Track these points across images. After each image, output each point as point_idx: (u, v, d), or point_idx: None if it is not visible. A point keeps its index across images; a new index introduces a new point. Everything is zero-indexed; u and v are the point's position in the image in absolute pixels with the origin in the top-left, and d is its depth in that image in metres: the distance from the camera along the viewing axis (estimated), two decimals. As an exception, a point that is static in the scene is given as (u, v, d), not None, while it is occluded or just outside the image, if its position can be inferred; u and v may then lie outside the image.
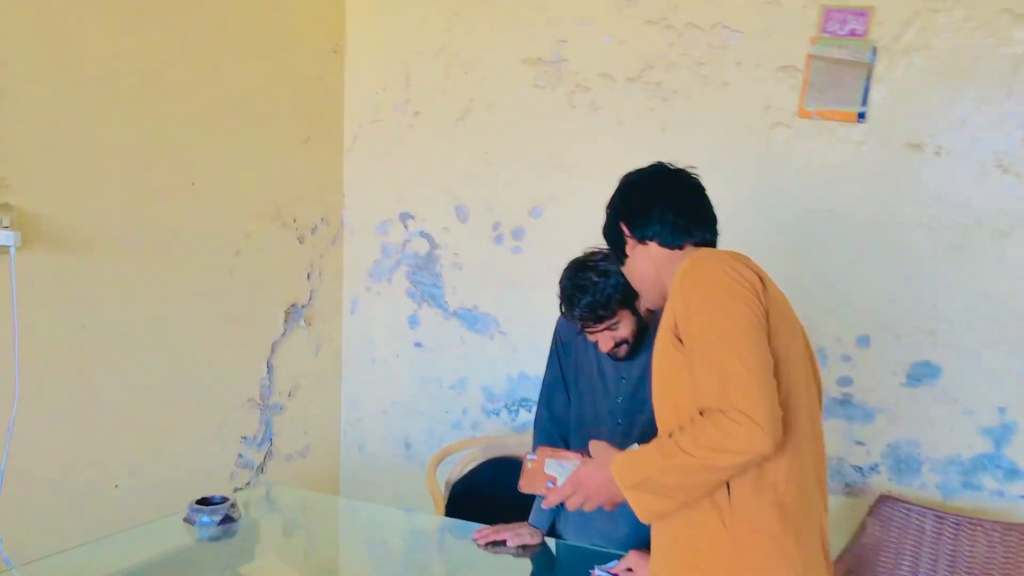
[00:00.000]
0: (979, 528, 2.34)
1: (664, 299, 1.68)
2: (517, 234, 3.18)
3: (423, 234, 3.37)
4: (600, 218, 1.80)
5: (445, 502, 2.76)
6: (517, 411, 3.26)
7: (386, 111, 3.39)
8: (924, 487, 2.68)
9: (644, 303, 1.77)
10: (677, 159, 1.74)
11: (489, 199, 3.23)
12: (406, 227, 3.40)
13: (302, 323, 3.33)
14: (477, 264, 3.28)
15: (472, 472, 2.82)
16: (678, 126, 2.91)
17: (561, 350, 2.28)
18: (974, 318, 2.59)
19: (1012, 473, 2.58)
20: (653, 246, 1.62)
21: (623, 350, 2.07)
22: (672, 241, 1.60)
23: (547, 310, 3.19)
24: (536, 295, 3.16)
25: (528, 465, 1.76)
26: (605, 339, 2.05)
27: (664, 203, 1.61)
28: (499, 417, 3.29)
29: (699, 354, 1.38)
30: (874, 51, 2.64)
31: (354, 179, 3.48)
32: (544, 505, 1.74)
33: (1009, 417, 2.57)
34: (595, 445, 1.63)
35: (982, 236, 2.57)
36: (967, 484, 2.63)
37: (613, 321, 2.02)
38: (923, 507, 2.43)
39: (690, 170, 1.68)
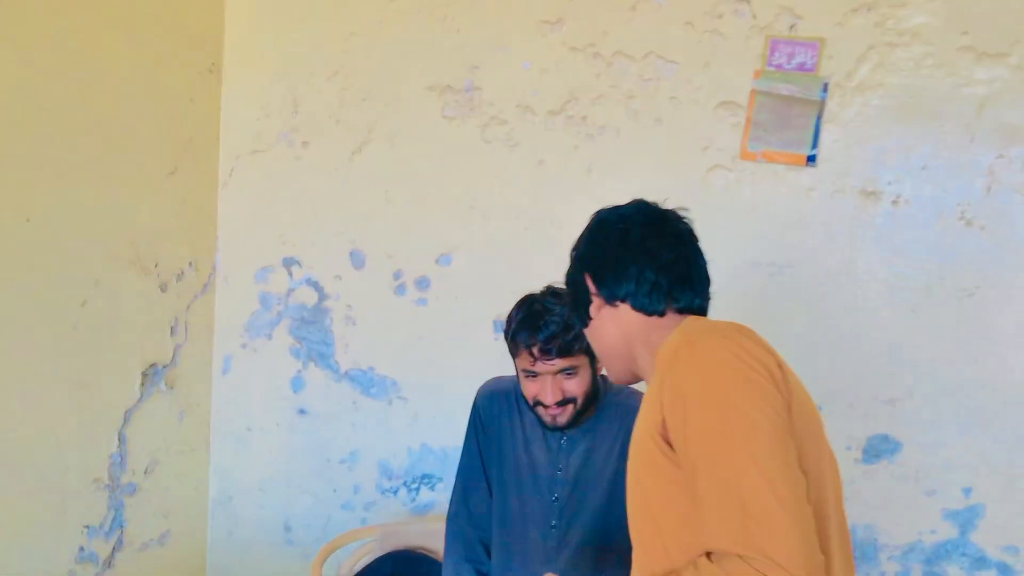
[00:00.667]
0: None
1: (631, 376, 1.33)
2: (422, 284, 2.77)
3: (310, 282, 2.91)
4: (519, 267, 1.44)
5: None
6: (418, 490, 2.82)
7: (269, 141, 2.93)
8: (883, 577, 2.38)
9: (609, 376, 1.41)
10: (603, 203, 1.43)
11: (389, 244, 2.81)
12: (291, 274, 2.94)
13: (163, 387, 2.81)
14: (374, 318, 2.85)
15: (367, 571, 2.37)
16: (606, 166, 2.58)
17: (481, 431, 1.87)
18: (937, 387, 2.32)
19: (979, 562, 2.30)
20: (625, 309, 1.28)
21: (568, 413, 1.70)
22: (650, 305, 1.25)
23: (457, 371, 2.81)
24: (443, 354, 2.75)
25: None
26: (554, 387, 1.69)
27: (644, 256, 1.26)
28: (397, 496, 2.85)
29: (704, 471, 1.01)
30: (825, 87, 2.37)
31: (230, 218, 3.00)
32: None
33: (975, 499, 2.30)
34: None
35: (945, 295, 2.31)
36: (929, 574, 2.34)
37: (574, 361, 1.67)
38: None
39: (681, 212, 1.33)
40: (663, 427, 1.08)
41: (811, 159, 2.38)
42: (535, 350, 1.68)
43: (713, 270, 1.39)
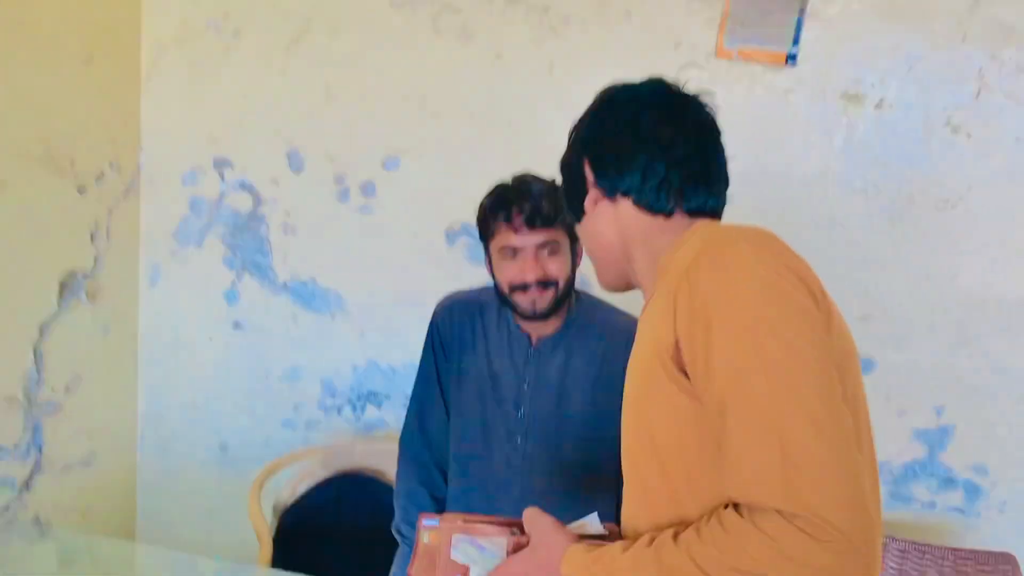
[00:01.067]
0: (927, 556, 1.97)
1: (623, 283, 1.17)
2: (367, 190, 2.55)
3: (244, 186, 2.67)
4: (473, 172, 1.27)
5: (274, 533, 2.15)
6: (364, 408, 2.66)
7: (196, 29, 2.64)
8: (847, 498, 2.30)
9: (599, 280, 1.22)
10: (568, 104, 1.26)
11: (331, 145, 2.57)
12: (222, 177, 2.69)
13: (84, 298, 2.58)
14: (315, 226, 2.63)
15: (310, 494, 2.22)
16: (570, 63, 2.37)
17: (440, 349, 1.71)
18: (913, 304, 2.21)
19: (947, 483, 2.23)
20: (626, 205, 1.09)
21: (548, 298, 1.56)
22: (655, 203, 1.07)
23: (406, 285, 2.62)
24: (391, 267, 2.56)
25: (424, 539, 1.14)
26: (535, 265, 1.55)
27: (655, 145, 1.06)
28: (341, 415, 2.68)
29: (735, 409, 0.84)
30: (809, -20, 2.18)
31: (154, 114, 2.72)
32: None
33: (947, 419, 2.22)
34: (533, 518, 1.06)
35: (926, 206, 2.18)
36: (896, 495, 2.27)
37: (556, 235, 1.55)
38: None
39: (704, 99, 1.13)
40: (676, 351, 0.91)
41: (791, 58, 2.20)
42: (516, 220, 1.53)
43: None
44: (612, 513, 1.44)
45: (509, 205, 1.53)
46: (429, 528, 1.12)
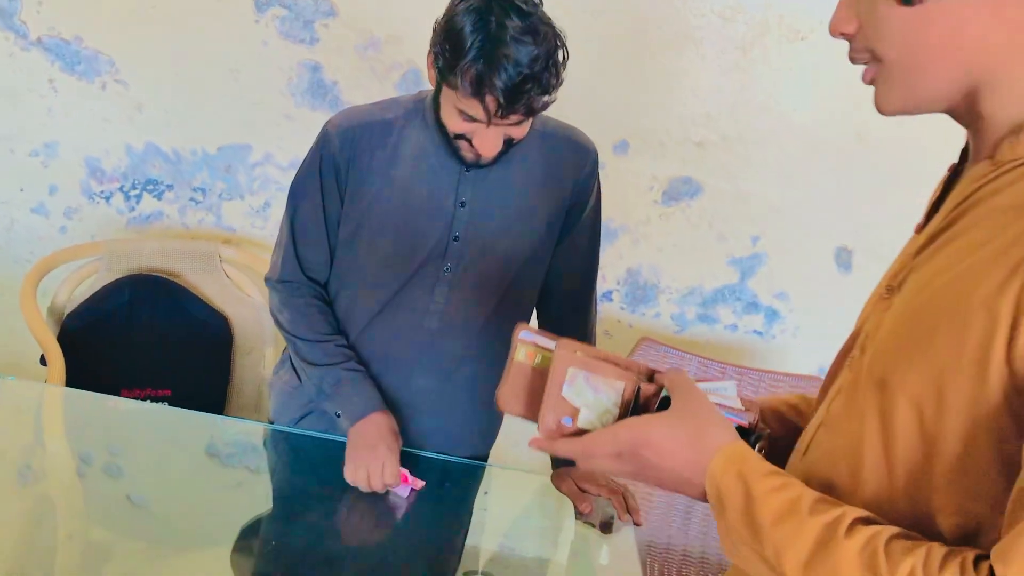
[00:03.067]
0: (744, 377, 2.08)
1: (929, 105, 0.73)
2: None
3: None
4: None
5: (57, 333, 1.82)
6: (139, 197, 2.29)
7: None
8: (658, 317, 2.37)
9: (899, 97, 0.73)
10: None
11: None
12: None
13: None
14: (81, -31, 2.11)
15: (99, 296, 1.89)
16: None
17: (332, 176, 1.40)
18: (750, 134, 2.21)
19: (751, 307, 2.36)
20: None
21: (497, 153, 1.30)
22: None
23: (200, 57, 2.19)
24: (181, 33, 2.14)
25: (520, 356, 0.89)
26: (497, 138, 1.26)
27: None
28: (110, 204, 2.29)
29: None
30: None
31: None
32: (542, 448, 0.85)
33: (761, 247, 2.31)
34: (681, 384, 0.79)
35: (778, 37, 2.14)
36: (703, 317, 2.37)
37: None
38: (684, 351, 2.10)
39: None
40: (1012, 336, 0.60)
41: None
42: (491, 105, 1.19)
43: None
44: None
45: (490, 79, 1.16)
46: (526, 343, 0.89)
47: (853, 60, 0.75)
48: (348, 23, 2.14)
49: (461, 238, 1.39)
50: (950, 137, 0.81)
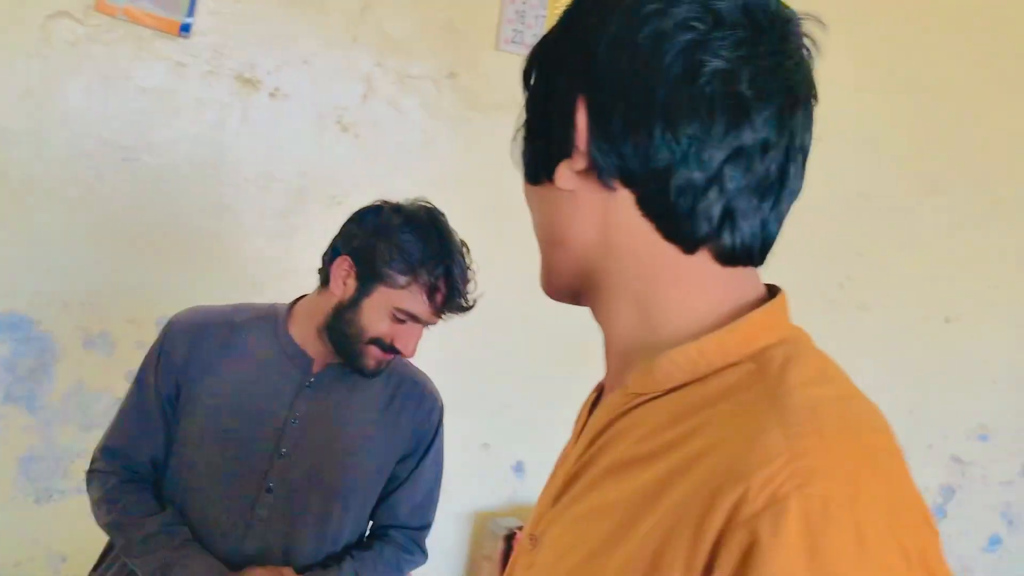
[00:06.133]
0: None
1: (570, 296, 0.68)
2: None
3: None
4: None
5: None
6: None
7: None
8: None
9: (545, 280, 0.69)
10: None
11: None
12: None
13: None
14: None
15: None
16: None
17: (168, 373, 1.37)
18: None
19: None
20: (626, 203, 0.60)
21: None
22: (679, 224, 0.59)
23: None
24: None
25: None
26: (420, 336, 1.35)
27: (725, 108, 0.57)
28: None
29: None
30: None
31: None
32: None
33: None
34: None
35: (317, 201, 2.17)
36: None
37: None
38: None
39: (800, 18, 0.63)
40: None
41: (185, 28, 2.04)
42: (438, 305, 1.31)
43: (51, 148, 1.00)
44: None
45: (449, 285, 1.30)
46: None
47: None
48: None
49: (287, 454, 1.33)
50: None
